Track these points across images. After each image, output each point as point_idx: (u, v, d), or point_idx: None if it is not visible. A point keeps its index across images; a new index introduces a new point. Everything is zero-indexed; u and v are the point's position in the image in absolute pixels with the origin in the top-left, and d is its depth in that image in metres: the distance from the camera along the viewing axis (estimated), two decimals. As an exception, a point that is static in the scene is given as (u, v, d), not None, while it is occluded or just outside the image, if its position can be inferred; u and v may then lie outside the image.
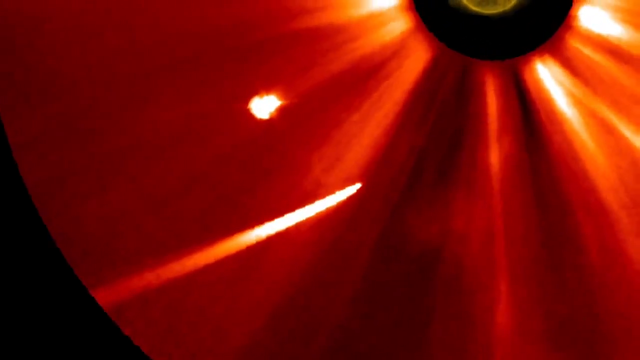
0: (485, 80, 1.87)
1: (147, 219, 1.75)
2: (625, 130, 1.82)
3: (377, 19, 1.86)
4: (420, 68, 1.87)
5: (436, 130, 1.86)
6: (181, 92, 1.81)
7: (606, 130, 1.81)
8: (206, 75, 1.81)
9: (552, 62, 1.86)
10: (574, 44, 1.87)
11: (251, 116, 1.81)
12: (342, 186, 1.79)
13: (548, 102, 1.85)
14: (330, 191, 1.79)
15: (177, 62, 1.81)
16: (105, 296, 1.65)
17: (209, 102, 1.81)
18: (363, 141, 1.82)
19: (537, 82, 1.86)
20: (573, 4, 1.84)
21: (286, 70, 1.79)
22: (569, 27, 1.87)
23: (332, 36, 1.82)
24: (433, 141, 1.85)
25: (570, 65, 1.86)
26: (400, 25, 1.87)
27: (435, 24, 1.85)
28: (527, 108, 1.86)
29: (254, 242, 1.76)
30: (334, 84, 1.82)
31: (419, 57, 1.87)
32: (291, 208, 1.78)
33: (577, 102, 1.83)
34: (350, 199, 1.79)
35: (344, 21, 1.83)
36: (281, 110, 1.79)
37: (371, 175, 1.80)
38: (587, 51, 1.85)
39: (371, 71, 1.85)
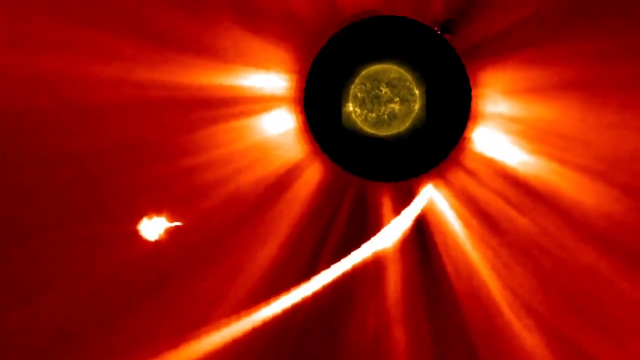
0: (381, 201, 1.87)
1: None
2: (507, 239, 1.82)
3: (272, 143, 1.87)
4: (315, 190, 1.87)
5: (330, 252, 1.85)
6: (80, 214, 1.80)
7: (495, 253, 1.80)
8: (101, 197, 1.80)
9: (446, 183, 1.87)
10: (467, 165, 1.88)
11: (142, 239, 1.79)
12: (229, 317, 1.76)
13: (442, 222, 1.85)
14: (216, 325, 1.76)
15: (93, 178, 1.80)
16: None
17: (98, 225, 1.79)
18: (254, 270, 1.80)
19: (431, 202, 1.86)
20: (467, 126, 1.86)
21: (176, 198, 1.78)
22: (463, 149, 1.88)
23: (226, 163, 1.82)
24: (327, 266, 1.83)
25: (464, 186, 1.86)
26: (295, 148, 1.88)
27: (330, 146, 1.86)
28: (421, 228, 1.85)
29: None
30: (228, 209, 1.81)
31: (313, 179, 1.87)
32: (178, 337, 1.74)
33: (470, 223, 1.83)
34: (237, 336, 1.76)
35: (241, 147, 1.84)
36: (171, 235, 1.78)
37: (260, 304, 1.77)
38: (480, 172, 1.86)
39: (266, 195, 1.85)
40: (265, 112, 1.86)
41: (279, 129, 1.86)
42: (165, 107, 1.78)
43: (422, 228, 1.85)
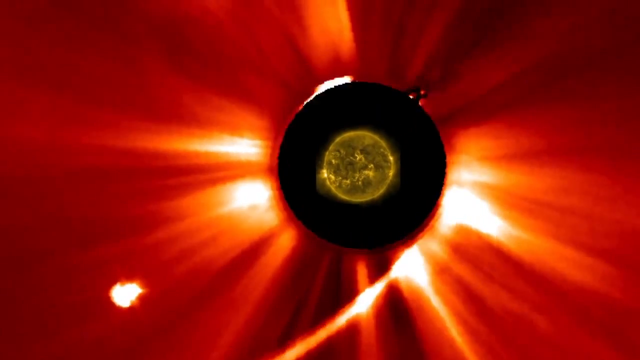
0: (355, 268, 1.85)
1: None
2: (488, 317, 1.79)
3: (245, 210, 1.86)
4: (289, 257, 1.85)
5: (306, 320, 1.82)
6: (48, 284, 1.78)
7: (464, 322, 1.77)
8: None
9: (421, 250, 1.85)
10: (443, 232, 1.86)
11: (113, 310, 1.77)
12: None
13: (417, 291, 1.83)
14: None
15: (44, 252, 1.79)
16: None
17: (71, 294, 1.77)
18: (226, 339, 1.78)
19: (406, 270, 1.84)
20: (442, 193, 1.85)
21: (150, 269, 1.77)
22: (438, 216, 1.87)
23: (199, 231, 1.81)
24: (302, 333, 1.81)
25: (439, 254, 1.85)
26: (268, 214, 1.87)
27: (304, 212, 1.85)
28: (396, 297, 1.83)
29: None
30: (200, 278, 1.79)
31: (287, 246, 1.86)
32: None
33: (445, 293, 1.80)
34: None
35: (213, 214, 1.83)
36: (140, 306, 1.76)
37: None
38: (456, 240, 1.85)
39: (239, 262, 1.83)
40: (239, 178, 1.85)
41: (252, 195, 1.85)
42: (135, 175, 1.78)
43: (397, 297, 1.83)
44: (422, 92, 1.83)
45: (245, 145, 1.86)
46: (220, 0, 1.78)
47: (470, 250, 1.82)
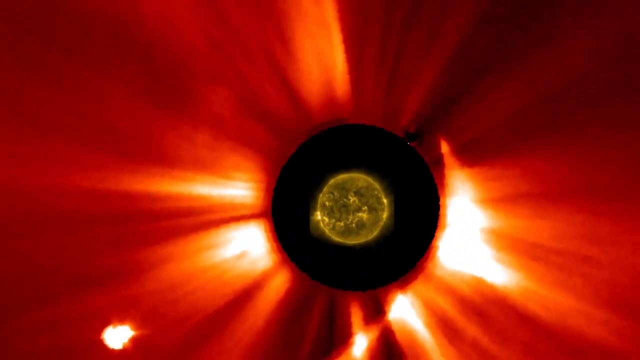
0: (349, 310, 1.85)
1: None
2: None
3: (238, 252, 1.86)
4: (282, 299, 1.85)
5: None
6: (37, 331, 1.78)
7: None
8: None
9: (415, 292, 1.85)
10: (436, 274, 1.86)
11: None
12: None
13: (410, 333, 1.82)
14: None
15: (32, 298, 1.79)
16: None
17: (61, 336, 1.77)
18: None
19: (400, 312, 1.84)
20: (435, 235, 1.85)
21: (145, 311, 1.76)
22: (432, 258, 1.87)
23: (192, 275, 1.81)
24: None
25: (433, 296, 1.84)
26: (262, 256, 1.86)
27: (297, 254, 1.85)
28: (389, 339, 1.83)
29: None
30: (193, 321, 1.79)
31: (281, 288, 1.86)
32: None
33: (438, 337, 1.80)
34: None
35: (206, 257, 1.83)
36: (133, 353, 1.75)
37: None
38: (449, 282, 1.85)
39: (233, 305, 1.83)
40: (232, 221, 1.85)
41: (246, 237, 1.84)
42: (127, 218, 1.77)
43: (391, 339, 1.82)
44: (416, 135, 1.83)
45: (239, 187, 1.85)
46: (210, 39, 1.77)
47: (465, 294, 1.82)
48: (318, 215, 1.85)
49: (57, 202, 1.76)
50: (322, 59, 1.85)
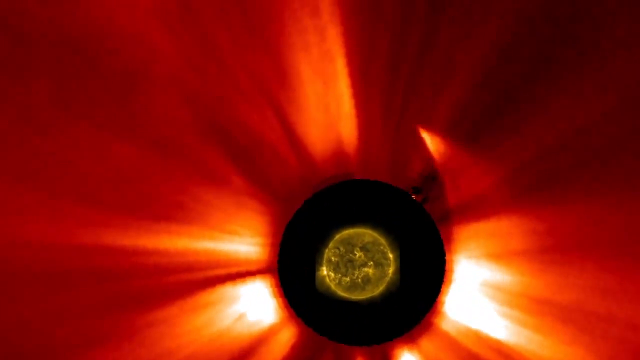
0: (355, 366, 1.85)
1: None
2: None
3: (243, 307, 1.85)
4: (288, 355, 1.84)
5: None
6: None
7: None
8: None
9: (420, 348, 1.85)
10: (442, 330, 1.86)
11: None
12: None
13: (418, 390, 1.83)
14: None
15: (36, 354, 1.78)
16: None
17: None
18: None
19: (407, 369, 1.84)
20: (441, 290, 1.84)
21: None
22: (437, 313, 1.86)
23: (197, 330, 1.80)
24: None
25: (438, 351, 1.84)
26: (268, 311, 1.86)
27: (303, 309, 1.84)
28: (397, 396, 1.83)
29: None
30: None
31: (287, 343, 1.85)
32: None
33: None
34: None
35: (211, 312, 1.82)
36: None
37: None
38: (455, 338, 1.84)
39: (239, 357, 1.83)
40: (238, 276, 1.84)
41: (251, 293, 1.84)
42: (130, 275, 1.77)
43: (397, 395, 1.82)
44: (421, 189, 1.82)
45: (244, 242, 1.85)
46: (208, 93, 1.76)
47: (471, 349, 1.82)
48: (324, 271, 1.85)
49: (53, 258, 1.75)
50: (328, 110, 1.84)
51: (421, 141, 1.84)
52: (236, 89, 1.75)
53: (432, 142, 1.84)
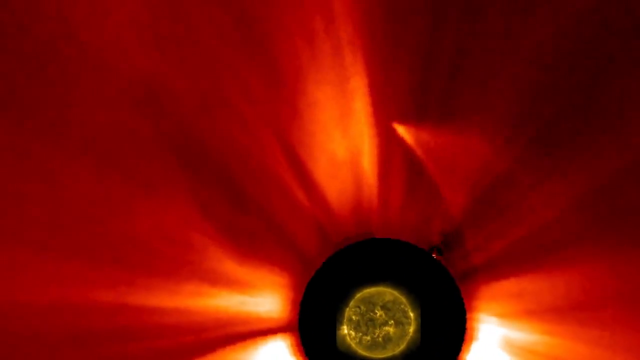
0: None
1: None
2: None
3: (264, 367, 1.85)
4: (309, 415, 1.84)
5: None
6: None
7: None
8: None
9: (443, 409, 1.84)
10: (464, 390, 1.85)
11: None
12: None
13: None
14: None
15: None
16: None
17: None
18: None
19: None
20: (461, 349, 1.84)
21: None
22: (459, 373, 1.85)
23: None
24: None
25: (461, 413, 1.83)
26: (288, 370, 1.86)
27: (324, 368, 1.84)
28: None
29: None
30: None
31: (307, 403, 1.85)
32: None
33: None
34: None
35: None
36: None
37: None
38: (478, 399, 1.83)
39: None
40: (259, 336, 1.85)
41: (271, 352, 1.84)
42: (151, 335, 1.77)
43: None
44: (442, 249, 1.83)
45: (265, 301, 1.85)
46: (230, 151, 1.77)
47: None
48: (345, 329, 1.85)
49: (70, 319, 1.75)
50: (349, 169, 1.86)
51: (443, 200, 1.85)
52: (257, 143, 1.77)
53: (453, 201, 1.85)
